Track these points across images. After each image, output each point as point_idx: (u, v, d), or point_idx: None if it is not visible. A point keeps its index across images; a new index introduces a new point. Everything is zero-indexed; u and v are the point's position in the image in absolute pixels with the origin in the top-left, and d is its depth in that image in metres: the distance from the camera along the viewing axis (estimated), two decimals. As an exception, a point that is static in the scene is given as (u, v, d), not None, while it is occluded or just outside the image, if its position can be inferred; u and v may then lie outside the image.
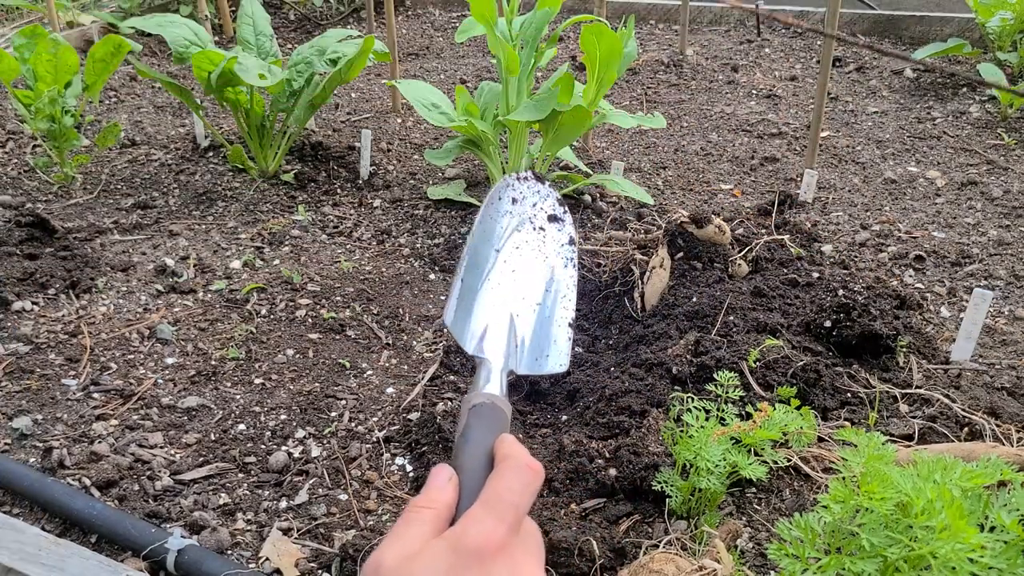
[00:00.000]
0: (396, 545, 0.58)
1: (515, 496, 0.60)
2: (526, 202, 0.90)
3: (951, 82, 4.10)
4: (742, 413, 1.69)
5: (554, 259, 0.88)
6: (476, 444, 0.65)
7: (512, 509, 0.59)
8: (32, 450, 1.82)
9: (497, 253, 0.85)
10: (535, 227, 0.89)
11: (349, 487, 1.74)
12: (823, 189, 3.10)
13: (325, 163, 3.36)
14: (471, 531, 0.57)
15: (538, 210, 0.90)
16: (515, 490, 0.61)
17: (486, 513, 0.59)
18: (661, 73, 4.41)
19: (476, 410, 0.68)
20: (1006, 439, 1.69)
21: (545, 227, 0.89)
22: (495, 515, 0.59)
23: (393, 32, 3.66)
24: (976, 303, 1.99)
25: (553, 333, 0.83)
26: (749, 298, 2.12)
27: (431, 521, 0.60)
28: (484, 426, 0.67)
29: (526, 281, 0.85)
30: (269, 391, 2.05)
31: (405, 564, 0.56)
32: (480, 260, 0.84)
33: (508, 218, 0.88)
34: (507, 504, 0.60)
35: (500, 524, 0.58)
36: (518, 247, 0.87)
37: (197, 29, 3.10)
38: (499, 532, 0.57)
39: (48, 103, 2.94)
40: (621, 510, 1.59)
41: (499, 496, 0.60)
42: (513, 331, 0.80)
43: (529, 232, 0.88)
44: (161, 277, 2.54)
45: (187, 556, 1.49)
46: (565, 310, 0.84)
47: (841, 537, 1.07)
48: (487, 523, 0.58)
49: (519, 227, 0.88)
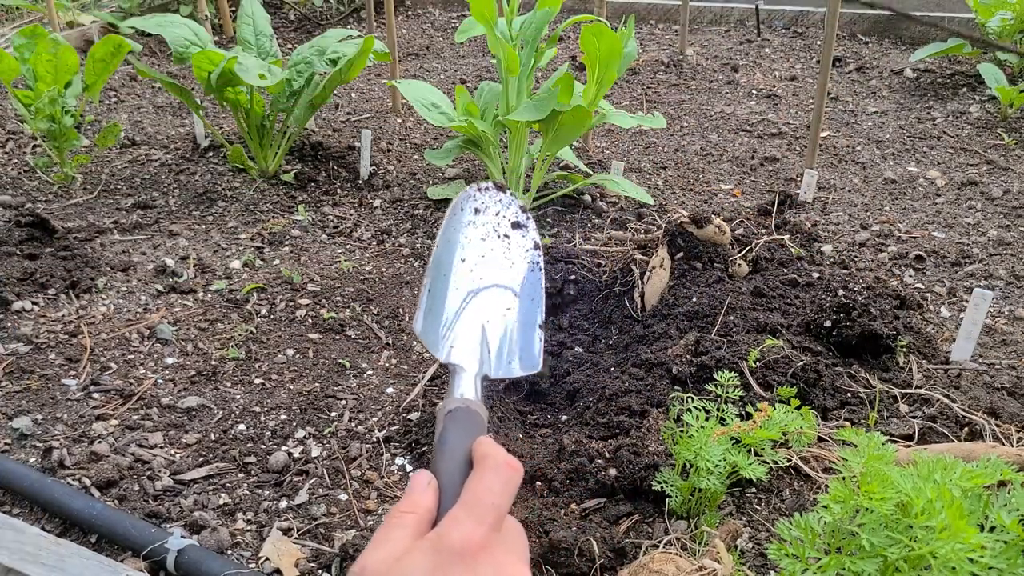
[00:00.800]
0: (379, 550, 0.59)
1: (494, 496, 0.61)
2: (489, 212, 0.92)
3: (951, 82, 4.10)
4: (742, 413, 1.69)
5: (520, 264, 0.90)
6: (453, 448, 0.66)
7: (492, 508, 0.60)
8: (32, 450, 1.82)
9: (463, 263, 0.87)
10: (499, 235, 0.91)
11: (349, 487, 1.74)
12: (823, 189, 3.10)
13: (325, 163, 3.36)
14: (453, 532, 0.58)
15: (501, 218, 0.92)
16: (494, 490, 0.62)
17: (466, 514, 0.60)
18: (661, 73, 4.41)
19: (452, 415, 0.69)
20: (1006, 439, 1.69)
21: (510, 234, 0.91)
22: (475, 515, 0.59)
23: (393, 32, 3.67)
24: (976, 303, 1.99)
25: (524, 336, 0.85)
26: (749, 298, 2.12)
27: (412, 525, 0.60)
28: (460, 430, 0.68)
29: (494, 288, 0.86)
30: (269, 391, 2.05)
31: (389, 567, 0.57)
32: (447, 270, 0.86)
33: (472, 228, 0.90)
34: (487, 504, 0.61)
35: (481, 524, 0.59)
36: (484, 255, 0.89)
37: (197, 29, 3.10)
38: (480, 531, 0.58)
39: (48, 103, 2.94)
40: (621, 510, 1.59)
41: (478, 496, 0.61)
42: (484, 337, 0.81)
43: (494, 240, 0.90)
44: (161, 277, 2.54)
45: (187, 556, 1.49)
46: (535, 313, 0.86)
47: (841, 537, 1.07)
48: (468, 523, 0.59)
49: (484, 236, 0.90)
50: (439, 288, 0.84)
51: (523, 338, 0.84)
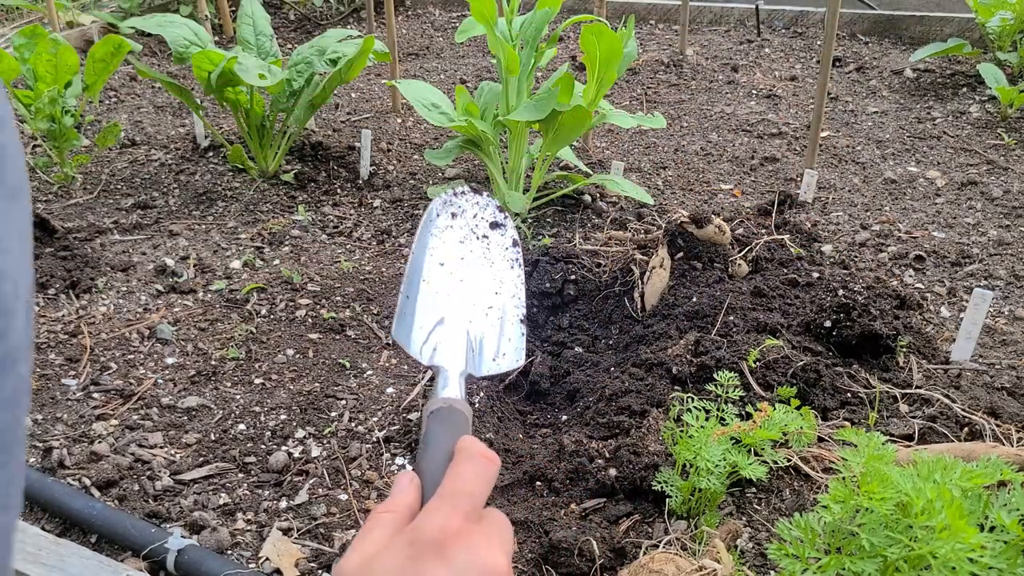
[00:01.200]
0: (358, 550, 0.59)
1: (468, 485, 0.62)
2: (466, 215, 0.93)
3: (951, 82, 4.10)
4: (742, 413, 1.69)
5: (500, 263, 0.91)
6: (436, 447, 0.67)
7: (467, 497, 0.61)
8: (32, 450, 1.82)
9: (442, 266, 0.89)
10: (478, 236, 0.92)
11: (349, 487, 1.74)
12: (823, 189, 3.10)
13: (325, 163, 3.37)
14: (427, 522, 0.59)
15: (479, 220, 0.93)
16: (468, 479, 0.62)
17: (441, 504, 0.60)
18: (661, 73, 4.41)
19: (435, 415, 0.70)
20: (1006, 439, 1.69)
21: (488, 234, 0.93)
22: (449, 504, 0.60)
23: (393, 32, 3.67)
24: (976, 303, 1.99)
25: (507, 332, 0.86)
26: (749, 298, 2.12)
27: (391, 523, 0.61)
28: (443, 430, 0.69)
29: (475, 288, 0.88)
30: (269, 391, 2.05)
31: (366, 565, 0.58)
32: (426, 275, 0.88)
33: (450, 232, 0.92)
34: (461, 493, 0.61)
35: (455, 512, 0.59)
36: (463, 258, 0.90)
37: (197, 29, 3.10)
38: (455, 520, 0.58)
39: (48, 103, 2.94)
40: (621, 510, 1.59)
41: (453, 486, 0.62)
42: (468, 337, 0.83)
43: (473, 242, 0.92)
44: (161, 277, 2.54)
45: (187, 556, 1.49)
46: (516, 308, 0.88)
47: (841, 537, 1.07)
48: (442, 513, 0.59)
49: (463, 239, 0.91)
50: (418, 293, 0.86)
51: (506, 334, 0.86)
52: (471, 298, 0.87)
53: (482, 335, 0.84)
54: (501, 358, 0.84)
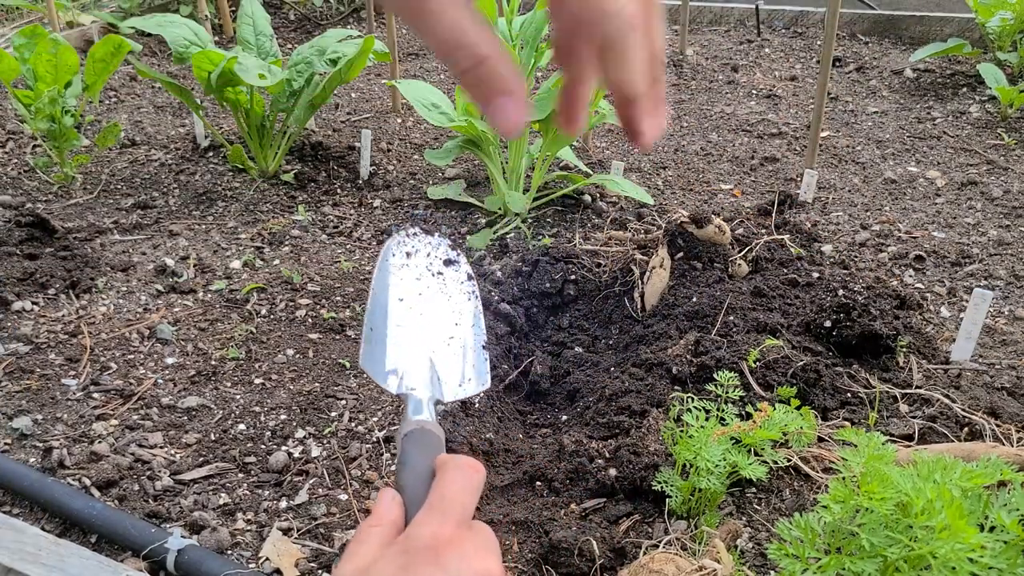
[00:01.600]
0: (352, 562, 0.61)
1: (457, 494, 0.63)
2: (420, 254, 0.99)
3: (951, 82, 4.10)
4: (742, 413, 1.69)
5: (457, 296, 0.97)
6: (413, 466, 0.70)
7: (456, 506, 0.63)
8: (32, 450, 1.82)
9: (401, 302, 0.94)
10: (433, 273, 0.98)
11: (349, 487, 1.74)
12: (823, 189, 3.10)
13: (325, 163, 3.37)
14: (419, 531, 0.61)
15: (433, 258, 0.99)
16: (457, 488, 0.64)
17: (431, 513, 0.62)
18: (661, 73, 4.41)
19: (409, 437, 0.74)
20: (1006, 439, 1.69)
21: (443, 271, 0.99)
22: (440, 513, 0.62)
23: (393, 32, 3.67)
24: (976, 303, 1.99)
25: (470, 359, 0.92)
26: (749, 298, 2.12)
27: (381, 536, 0.63)
28: (419, 450, 0.72)
29: (435, 320, 0.94)
30: (269, 391, 2.05)
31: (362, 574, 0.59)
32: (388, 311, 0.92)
33: (406, 270, 0.97)
34: (450, 502, 0.63)
35: (446, 521, 0.61)
36: (421, 293, 0.96)
37: (197, 29, 3.10)
38: (446, 528, 0.60)
39: (48, 103, 2.94)
40: (621, 510, 1.59)
41: (442, 496, 0.63)
42: (433, 367, 0.88)
43: (429, 278, 0.98)
44: (161, 277, 2.54)
45: (187, 556, 1.49)
46: (476, 337, 0.94)
47: (841, 537, 1.07)
48: (433, 522, 0.61)
49: (419, 276, 0.97)
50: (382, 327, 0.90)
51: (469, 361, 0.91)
52: (432, 330, 0.92)
53: (446, 364, 0.89)
54: (467, 383, 0.89)
